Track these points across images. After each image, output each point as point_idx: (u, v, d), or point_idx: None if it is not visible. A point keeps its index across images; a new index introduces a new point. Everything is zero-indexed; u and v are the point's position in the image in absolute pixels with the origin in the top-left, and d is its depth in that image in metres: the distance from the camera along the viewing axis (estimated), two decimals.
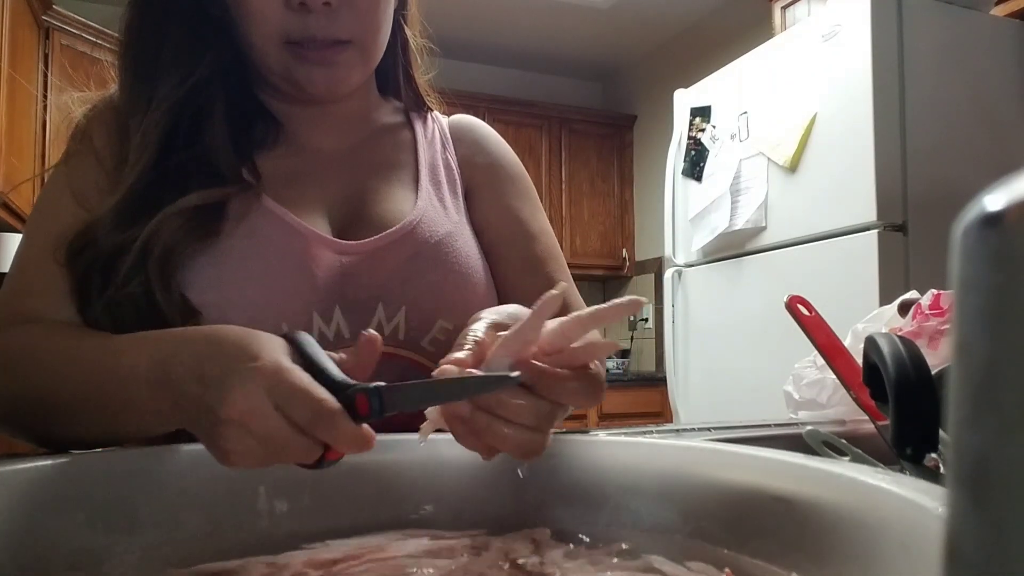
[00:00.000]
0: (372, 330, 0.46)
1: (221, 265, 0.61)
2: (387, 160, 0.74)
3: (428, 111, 0.81)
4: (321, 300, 0.63)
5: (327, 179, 0.71)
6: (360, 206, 0.70)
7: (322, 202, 0.69)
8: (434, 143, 0.78)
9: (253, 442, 0.38)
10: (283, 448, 0.38)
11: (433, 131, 0.79)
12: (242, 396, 0.38)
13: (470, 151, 0.79)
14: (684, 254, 2.57)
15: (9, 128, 2.50)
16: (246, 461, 0.39)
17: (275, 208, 0.65)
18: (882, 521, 0.32)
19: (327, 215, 0.68)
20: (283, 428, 0.38)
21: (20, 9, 2.59)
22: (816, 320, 0.67)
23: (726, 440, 0.58)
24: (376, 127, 0.77)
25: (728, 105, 2.38)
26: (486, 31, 3.97)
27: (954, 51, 2.03)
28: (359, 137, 0.75)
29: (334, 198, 0.70)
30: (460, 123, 0.82)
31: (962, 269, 0.14)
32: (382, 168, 0.73)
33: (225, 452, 0.39)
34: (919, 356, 0.51)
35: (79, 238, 0.60)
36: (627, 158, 4.32)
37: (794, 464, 0.41)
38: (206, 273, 0.61)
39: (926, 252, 1.89)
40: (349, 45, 0.65)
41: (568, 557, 0.42)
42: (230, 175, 0.64)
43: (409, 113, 0.80)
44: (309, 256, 0.64)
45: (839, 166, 1.97)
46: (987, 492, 0.14)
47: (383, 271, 0.66)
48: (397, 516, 0.49)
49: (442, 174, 0.75)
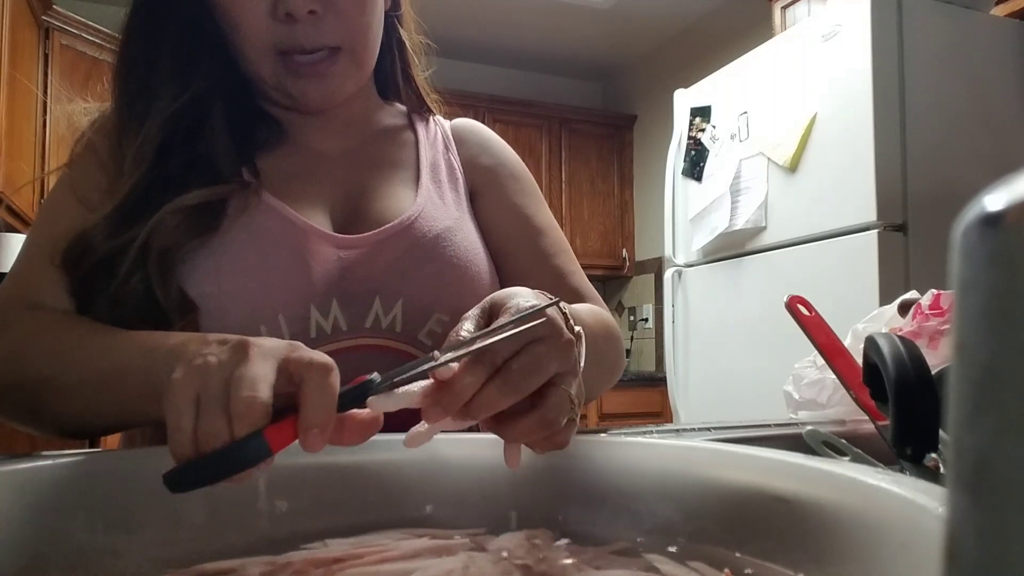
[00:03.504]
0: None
1: (219, 257, 0.62)
2: (388, 158, 0.75)
3: (430, 114, 0.81)
4: (318, 293, 0.64)
5: (328, 177, 0.71)
6: (360, 202, 0.70)
7: (323, 198, 0.69)
8: (436, 144, 0.78)
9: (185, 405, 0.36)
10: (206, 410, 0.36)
11: (435, 133, 0.80)
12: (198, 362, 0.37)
13: (473, 153, 0.79)
14: (684, 254, 2.57)
15: (9, 128, 2.50)
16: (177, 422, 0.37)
17: (274, 203, 0.65)
18: (882, 521, 0.32)
19: (327, 211, 0.69)
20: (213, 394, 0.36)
21: (20, 9, 2.59)
22: (816, 320, 0.67)
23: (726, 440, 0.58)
24: (378, 129, 0.77)
25: (728, 105, 2.38)
26: (486, 31, 3.97)
27: (954, 51, 2.03)
28: (360, 139, 0.75)
29: (335, 195, 0.70)
30: (462, 126, 0.82)
31: (962, 269, 0.14)
32: (383, 166, 0.74)
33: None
34: (919, 356, 0.51)
35: (76, 243, 0.61)
36: (627, 158, 4.32)
37: (794, 464, 0.41)
38: (204, 266, 0.61)
39: (926, 252, 1.89)
40: (339, 53, 0.65)
41: (568, 557, 0.42)
42: (230, 174, 0.65)
43: (412, 116, 0.80)
44: (307, 250, 0.64)
45: (839, 166, 1.97)
46: (987, 492, 0.14)
47: (381, 264, 0.66)
48: (397, 516, 0.49)
49: (443, 172, 0.76)
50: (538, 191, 0.81)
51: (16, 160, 2.60)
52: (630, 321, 4.25)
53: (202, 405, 0.36)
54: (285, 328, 0.62)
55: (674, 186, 2.60)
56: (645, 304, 4.17)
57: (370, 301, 0.65)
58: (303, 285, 0.63)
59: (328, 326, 0.63)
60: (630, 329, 4.24)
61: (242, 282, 0.62)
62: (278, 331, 0.62)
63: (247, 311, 0.61)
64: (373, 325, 0.65)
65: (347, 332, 0.64)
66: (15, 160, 2.58)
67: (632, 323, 4.24)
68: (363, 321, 0.64)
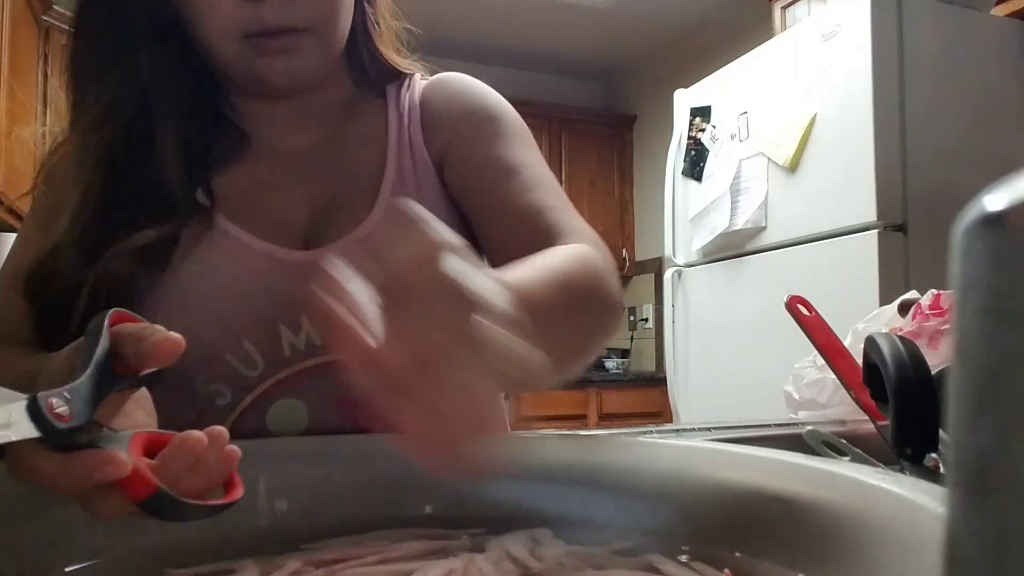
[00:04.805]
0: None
1: (171, 295, 0.61)
2: (355, 160, 0.71)
3: (406, 78, 0.76)
4: (286, 312, 0.62)
5: (292, 187, 0.69)
6: (325, 213, 0.68)
7: (284, 212, 0.67)
8: (403, 119, 0.73)
9: None
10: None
11: (405, 103, 0.74)
12: None
13: (437, 111, 0.73)
14: (684, 254, 2.57)
15: (9, 128, 2.50)
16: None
17: (229, 228, 0.64)
18: (882, 521, 0.32)
19: (290, 225, 0.67)
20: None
21: (20, 9, 2.59)
22: (816, 320, 0.67)
23: (726, 440, 0.58)
24: (350, 117, 0.74)
25: (728, 105, 2.38)
26: (486, 31, 3.97)
27: (954, 51, 2.03)
28: (329, 132, 0.72)
29: (297, 207, 0.68)
30: (432, 83, 0.76)
31: (962, 269, 0.14)
32: (349, 169, 0.70)
33: None
34: (919, 356, 0.51)
35: (34, 272, 0.60)
36: (627, 158, 4.32)
37: (794, 464, 0.41)
38: (158, 304, 0.60)
39: (926, 252, 1.89)
40: (306, 34, 0.63)
41: (568, 557, 0.42)
42: (182, 202, 0.63)
43: (386, 89, 0.75)
44: (265, 271, 0.63)
45: (839, 166, 1.97)
46: (987, 492, 0.14)
47: None
48: (397, 516, 0.49)
49: (408, 156, 0.71)
50: (521, 131, 0.72)
51: (16, 160, 2.60)
52: (630, 321, 4.25)
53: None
54: (255, 352, 0.61)
55: (674, 186, 2.60)
56: (645, 304, 4.17)
57: None
58: (266, 307, 0.62)
59: (301, 343, 0.62)
60: (630, 329, 4.24)
61: (199, 316, 0.61)
62: (246, 356, 0.61)
63: (208, 343, 0.60)
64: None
65: (322, 347, 0.62)
66: (15, 160, 2.58)
67: (632, 323, 4.24)
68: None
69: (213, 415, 0.61)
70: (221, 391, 0.62)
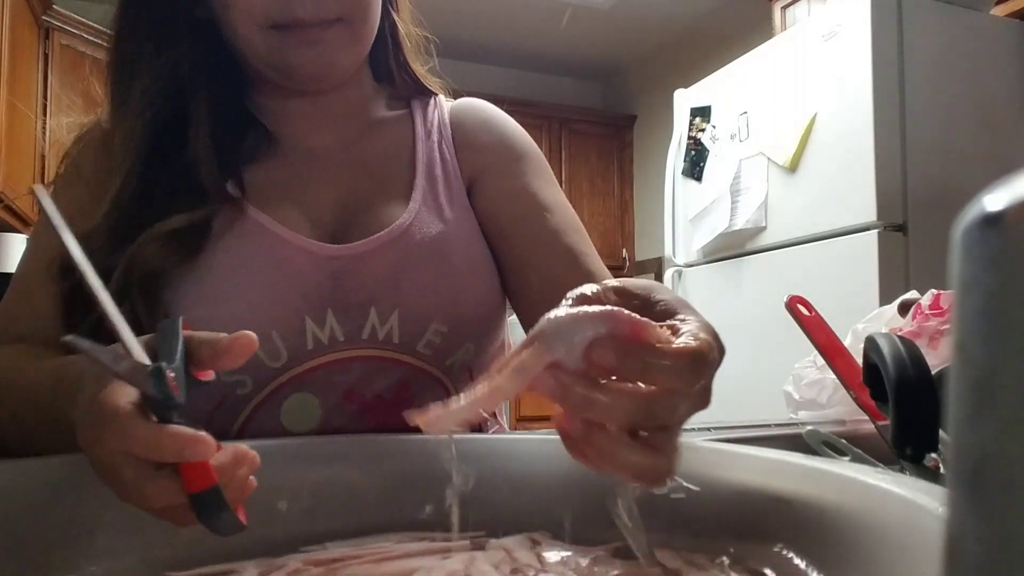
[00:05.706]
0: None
1: (204, 282, 0.61)
2: (382, 159, 0.72)
3: (432, 96, 0.78)
4: (312, 305, 0.63)
5: (319, 184, 0.70)
6: (353, 207, 0.69)
7: (314, 205, 0.68)
8: (432, 134, 0.75)
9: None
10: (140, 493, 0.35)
11: (433, 120, 0.76)
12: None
13: (471, 134, 0.76)
14: (684, 254, 2.57)
15: (9, 128, 2.51)
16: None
17: (260, 218, 0.64)
18: (882, 521, 0.32)
19: (319, 218, 0.67)
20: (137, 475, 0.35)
21: (20, 9, 2.59)
22: (816, 320, 0.67)
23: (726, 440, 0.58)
24: (373, 120, 0.75)
25: (728, 105, 2.38)
26: (486, 31, 3.97)
27: (954, 51, 2.03)
28: (355, 132, 0.73)
29: (326, 203, 0.69)
30: (462, 106, 0.79)
31: (962, 269, 0.14)
32: (376, 169, 0.72)
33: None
34: (919, 356, 0.51)
35: (65, 262, 0.61)
36: (627, 158, 4.33)
37: (794, 464, 0.41)
38: (190, 292, 0.60)
39: (926, 252, 1.89)
40: (338, 23, 0.63)
41: (568, 557, 0.42)
42: (214, 191, 0.64)
43: (411, 102, 0.77)
44: (296, 263, 0.63)
45: (839, 166, 1.97)
46: (987, 492, 0.14)
47: (374, 275, 0.65)
48: (397, 517, 0.49)
49: (439, 168, 0.73)
50: (547, 169, 0.76)
51: (16, 160, 2.60)
52: None
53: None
54: (280, 343, 0.62)
55: (674, 186, 2.61)
56: None
57: (365, 312, 0.64)
58: (295, 299, 0.62)
59: (325, 337, 0.63)
60: None
61: (230, 305, 0.61)
62: (273, 347, 0.61)
63: (239, 330, 0.60)
64: (370, 336, 0.64)
65: (344, 343, 0.63)
66: (15, 160, 2.59)
67: None
68: (360, 332, 0.63)
69: (231, 404, 0.62)
70: (243, 381, 0.62)
